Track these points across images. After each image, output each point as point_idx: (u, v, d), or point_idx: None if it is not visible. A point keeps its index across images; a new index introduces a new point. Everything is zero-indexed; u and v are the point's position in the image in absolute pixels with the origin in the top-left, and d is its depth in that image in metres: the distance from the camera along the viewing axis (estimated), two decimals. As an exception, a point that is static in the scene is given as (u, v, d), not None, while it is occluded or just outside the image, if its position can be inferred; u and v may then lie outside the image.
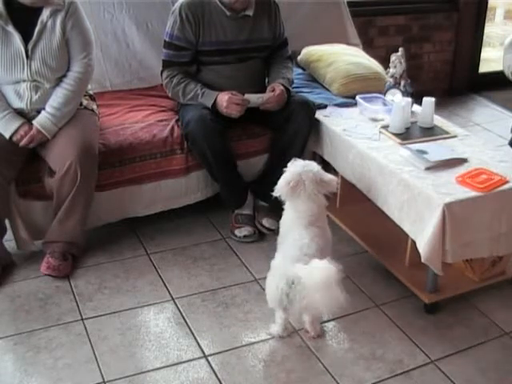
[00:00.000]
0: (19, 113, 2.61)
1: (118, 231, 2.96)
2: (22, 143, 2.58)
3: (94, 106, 2.86)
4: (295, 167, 2.38)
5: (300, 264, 2.12)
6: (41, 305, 2.48)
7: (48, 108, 2.61)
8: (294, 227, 2.34)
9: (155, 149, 2.83)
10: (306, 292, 2.04)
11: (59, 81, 2.65)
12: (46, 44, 2.57)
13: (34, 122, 2.59)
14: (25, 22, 2.55)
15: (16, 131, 2.57)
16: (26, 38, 2.55)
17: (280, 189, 2.37)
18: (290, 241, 2.30)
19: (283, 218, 2.46)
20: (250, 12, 2.91)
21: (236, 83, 2.91)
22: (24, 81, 2.58)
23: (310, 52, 3.43)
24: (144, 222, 2.97)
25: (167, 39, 2.91)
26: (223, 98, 2.79)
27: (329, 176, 2.41)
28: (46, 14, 2.56)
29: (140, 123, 2.94)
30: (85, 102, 2.79)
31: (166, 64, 2.94)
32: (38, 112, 2.62)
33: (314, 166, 2.40)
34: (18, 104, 2.61)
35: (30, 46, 2.55)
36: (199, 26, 2.87)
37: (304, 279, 2.05)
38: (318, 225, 2.34)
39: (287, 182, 2.34)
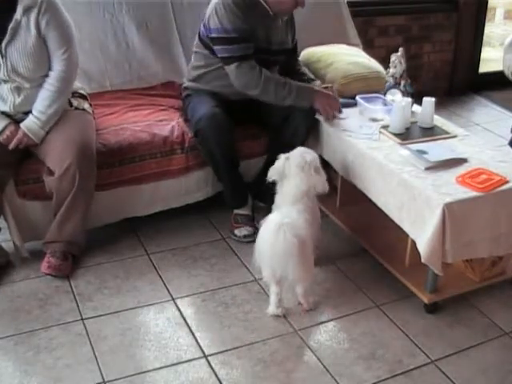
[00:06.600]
0: (6, 115, 2.60)
1: (118, 231, 2.96)
2: (11, 147, 2.57)
3: (86, 105, 2.82)
4: (293, 153, 2.53)
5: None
6: (41, 305, 2.48)
7: (34, 111, 2.59)
8: (282, 205, 2.48)
9: (155, 148, 2.83)
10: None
11: (42, 80, 2.61)
12: (21, 43, 2.52)
13: (22, 125, 2.58)
14: None
15: (2, 131, 2.56)
16: (0, 37, 2.51)
17: (271, 174, 2.54)
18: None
19: (275, 200, 2.57)
20: (286, 16, 2.98)
21: None
22: (5, 82, 2.56)
23: (309, 53, 3.42)
24: (144, 221, 2.97)
25: (235, 34, 2.75)
26: (323, 101, 2.85)
27: (321, 175, 2.52)
28: (19, 12, 2.51)
29: (140, 123, 2.94)
30: (75, 103, 2.76)
31: (242, 57, 2.77)
32: (25, 114, 2.61)
33: (310, 156, 2.52)
34: (2, 107, 2.60)
35: (3, 45, 2.51)
36: (250, 22, 2.81)
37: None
38: (303, 201, 2.46)
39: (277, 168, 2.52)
